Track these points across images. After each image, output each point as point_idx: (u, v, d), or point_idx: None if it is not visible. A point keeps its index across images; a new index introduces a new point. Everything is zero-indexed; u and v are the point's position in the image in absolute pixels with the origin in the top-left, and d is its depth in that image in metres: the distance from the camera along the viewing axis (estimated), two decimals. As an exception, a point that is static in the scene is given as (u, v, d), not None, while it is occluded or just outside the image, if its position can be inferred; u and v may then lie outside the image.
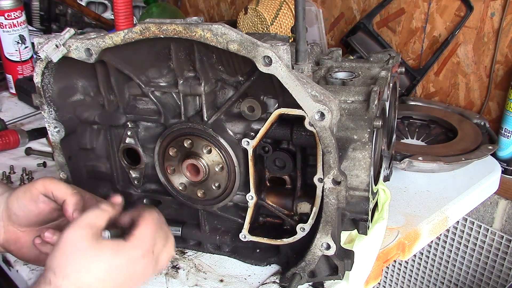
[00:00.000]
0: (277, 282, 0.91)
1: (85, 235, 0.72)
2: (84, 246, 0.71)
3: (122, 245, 0.74)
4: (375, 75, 0.96)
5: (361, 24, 1.65)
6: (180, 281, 0.93)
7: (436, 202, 1.17)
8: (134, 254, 0.74)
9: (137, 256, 0.75)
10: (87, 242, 0.71)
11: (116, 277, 0.73)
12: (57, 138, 0.93)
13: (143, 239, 0.76)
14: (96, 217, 0.74)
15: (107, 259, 0.72)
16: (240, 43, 0.73)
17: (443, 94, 1.57)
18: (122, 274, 0.74)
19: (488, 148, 1.27)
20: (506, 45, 1.38)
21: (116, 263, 0.73)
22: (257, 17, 1.64)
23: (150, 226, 0.77)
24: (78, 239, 0.71)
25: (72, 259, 0.71)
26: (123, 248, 0.74)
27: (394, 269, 1.86)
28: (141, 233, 0.76)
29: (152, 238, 0.77)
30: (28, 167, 1.33)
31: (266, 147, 0.88)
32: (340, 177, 0.77)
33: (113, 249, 0.73)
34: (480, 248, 1.54)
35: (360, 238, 0.95)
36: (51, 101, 0.90)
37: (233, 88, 0.87)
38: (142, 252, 0.75)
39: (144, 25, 0.78)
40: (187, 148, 0.88)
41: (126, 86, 0.93)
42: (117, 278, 0.74)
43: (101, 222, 0.75)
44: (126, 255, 0.74)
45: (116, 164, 0.99)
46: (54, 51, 0.83)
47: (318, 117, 0.74)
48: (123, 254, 0.74)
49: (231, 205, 0.94)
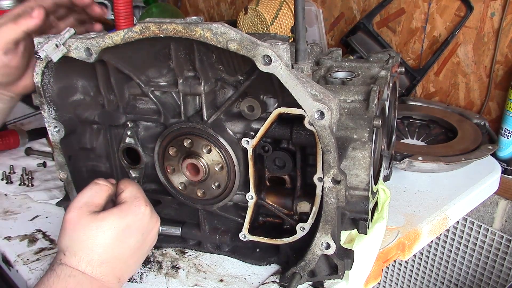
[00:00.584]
0: (277, 281, 0.91)
1: (82, 213, 0.74)
2: (84, 223, 0.73)
3: (122, 207, 0.77)
4: (375, 75, 0.96)
5: (361, 24, 1.65)
6: (180, 281, 0.93)
7: (436, 202, 1.17)
8: (137, 209, 0.78)
9: (141, 209, 0.78)
10: (86, 219, 0.73)
11: (127, 237, 0.76)
12: (57, 138, 0.93)
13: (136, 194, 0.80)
14: (93, 194, 0.77)
15: (111, 225, 0.74)
16: (239, 42, 0.73)
17: (443, 94, 1.57)
18: (131, 233, 0.76)
19: (488, 148, 1.27)
20: (506, 45, 1.38)
21: (122, 224, 0.75)
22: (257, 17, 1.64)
23: (132, 183, 0.82)
24: (77, 219, 0.73)
25: (76, 238, 0.72)
26: (124, 209, 0.77)
27: (394, 269, 1.86)
28: (130, 192, 0.80)
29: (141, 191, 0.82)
30: (28, 167, 1.33)
31: (266, 147, 0.88)
32: (340, 176, 0.77)
33: (115, 213, 0.75)
34: (480, 248, 1.54)
35: (360, 238, 0.95)
36: (51, 101, 0.90)
37: (233, 87, 0.87)
38: (143, 203, 0.79)
39: (144, 24, 0.78)
40: (187, 147, 0.88)
41: (126, 85, 0.93)
42: (129, 238, 0.76)
43: (98, 199, 0.77)
44: (130, 213, 0.77)
45: (116, 164, 0.99)
46: (54, 50, 0.83)
47: (317, 116, 0.74)
48: (126, 213, 0.76)
49: (231, 204, 0.94)
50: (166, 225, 0.99)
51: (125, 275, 0.77)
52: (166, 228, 0.98)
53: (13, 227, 1.09)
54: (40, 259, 0.98)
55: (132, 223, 0.76)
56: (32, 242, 1.03)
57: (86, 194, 0.77)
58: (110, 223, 0.74)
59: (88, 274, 0.71)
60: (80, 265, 0.71)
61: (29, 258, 0.98)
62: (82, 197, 0.77)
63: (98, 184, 0.79)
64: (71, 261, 0.71)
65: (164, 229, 0.98)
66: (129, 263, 0.77)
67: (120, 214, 0.76)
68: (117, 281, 0.76)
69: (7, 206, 1.17)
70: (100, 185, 0.79)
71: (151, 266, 0.96)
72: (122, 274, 0.76)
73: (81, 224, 0.73)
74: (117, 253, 0.74)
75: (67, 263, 0.71)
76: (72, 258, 0.71)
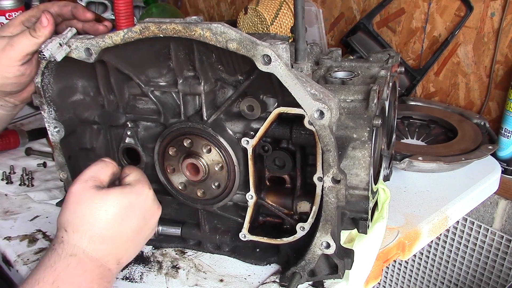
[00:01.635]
0: (277, 281, 0.91)
1: (88, 186, 0.74)
2: (88, 196, 0.73)
3: (126, 187, 0.78)
4: (375, 75, 0.96)
5: (361, 24, 1.65)
6: (180, 281, 0.93)
7: (436, 202, 1.17)
8: (140, 189, 0.78)
9: (145, 190, 0.79)
10: (90, 192, 0.73)
11: (129, 217, 0.76)
12: (57, 138, 0.93)
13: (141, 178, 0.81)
14: (98, 169, 0.78)
15: (115, 202, 0.74)
16: (239, 42, 0.73)
17: (443, 94, 1.57)
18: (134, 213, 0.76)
19: (488, 148, 1.27)
20: (506, 45, 1.38)
21: (125, 202, 0.75)
22: (257, 17, 1.64)
23: (137, 170, 0.83)
24: (81, 191, 0.74)
25: (79, 212, 0.72)
26: (127, 187, 0.77)
27: (394, 269, 1.86)
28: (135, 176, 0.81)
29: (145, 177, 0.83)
30: (28, 167, 1.33)
31: (265, 146, 0.88)
32: (340, 175, 0.77)
33: (118, 190, 0.76)
34: (480, 248, 1.54)
35: (360, 238, 0.95)
36: (51, 101, 0.90)
37: (232, 87, 0.87)
38: (147, 186, 0.80)
39: (143, 24, 0.78)
40: (187, 147, 0.88)
41: (126, 86, 0.93)
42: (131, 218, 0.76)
43: (103, 174, 0.78)
44: (134, 192, 0.77)
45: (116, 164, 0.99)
46: (58, 50, 0.83)
47: (317, 115, 0.74)
48: (130, 191, 0.77)
49: (231, 204, 0.94)
50: (166, 225, 0.99)
51: (124, 258, 0.77)
52: (166, 228, 0.99)
53: (13, 227, 1.09)
54: (40, 259, 0.98)
55: (135, 202, 0.77)
56: (32, 242, 1.03)
57: (92, 169, 0.78)
58: (113, 199, 0.74)
59: (89, 253, 0.71)
60: (82, 242, 0.71)
61: (29, 258, 0.98)
62: (88, 171, 0.77)
63: (104, 161, 0.80)
64: (73, 238, 0.71)
65: (164, 229, 0.98)
66: (129, 246, 0.77)
67: (124, 191, 0.76)
68: (117, 263, 0.76)
69: (7, 206, 1.17)
70: (106, 162, 0.80)
71: (151, 266, 0.96)
72: (122, 257, 0.76)
73: (84, 197, 0.73)
74: (118, 231, 0.74)
75: (69, 240, 0.71)
76: (74, 234, 0.71)
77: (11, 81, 0.93)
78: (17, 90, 0.97)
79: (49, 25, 0.89)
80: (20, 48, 0.90)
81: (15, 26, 0.95)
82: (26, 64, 0.93)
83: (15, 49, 0.90)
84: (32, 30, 0.89)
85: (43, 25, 0.88)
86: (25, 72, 0.93)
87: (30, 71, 0.94)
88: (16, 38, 0.90)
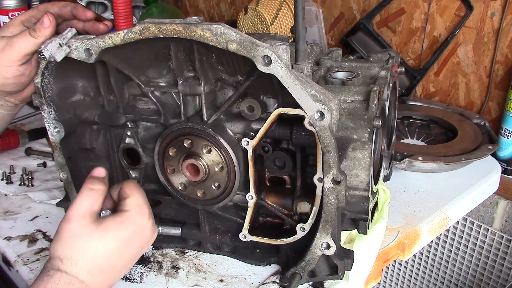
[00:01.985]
0: (277, 282, 0.91)
1: (86, 224, 0.72)
2: (86, 232, 0.72)
3: (125, 216, 0.75)
4: (375, 75, 0.96)
5: (361, 24, 1.65)
6: (180, 281, 0.93)
7: (436, 202, 1.17)
8: (140, 221, 0.76)
9: (144, 221, 0.77)
10: (88, 229, 0.72)
11: (127, 249, 0.75)
12: (57, 138, 0.93)
13: (141, 204, 0.78)
14: (92, 203, 0.75)
15: (114, 236, 0.73)
16: (239, 43, 0.73)
17: (443, 94, 1.57)
18: (133, 244, 0.76)
19: (488, 148, 1.27)
20: (506, 45, 1.38)
21: (125, 235, 0.74)
22: (257, 17, 1.64)
23: (138, 189, 0.80)
24: (79, 228, 0.72)
25: (77, 247, 0.71)
26: (127, 218, 0.75)
27: (394, 269, 1.86)
28: (137, 200, 0.78)
29: (146, 200, 0.80)
30: (28, 167, 1.33)
31: (266, 147, 0.88)
32: (340, 176, 0.77)
33: (118, 223, 0.74)
34: (480, 248, 1.54)
35: (360, 238, 0.95)
36: (51, 101, 0.90)
37: (232, 88, 0.87)
38: (147, 215, 0.78)
39: (143, 25, 0.78)
40: (187, 148, 0.88)
41: (126, 86, 0.93)
42: (129, 249, 0.75)
43: (97, 206, 0.75)
44: (133, 224, 0.75)
45: (116, 164, 0.99)
46: (58, 50, 0.83)
47: (317, 116, 0.74)
48: (129, 224, 0.75)
49: (231, 205, 0.94)
50: (166, 225, 0.99)
51: (116, 281, 0.77)
52: (166, 229, 0.98)
53: (13, 227, 1.09)
54: (40, 259, 0.98)
55: (134, 235, 0.75)
56: (32, 242, 1.03)
57: (84, 203, 0.74)
58: (113, 234, 0.73)
59: (86, 283, 0.71)
60: (81, 273, 0.70)
61: (29, 258, 0.98)
62: (80, 206, 0.73)
63: (94, 190, 0.75)
64: (70, 269, 0.70)
65: (164, 230, 0.98)
66: (121, 273, 0.77)
67: (123, 225, 0.74)
68: None
69: (7, 206, 1.17)
70: (96, 190, 0.76)
71: (151, 266, 0.96)
72: (114, 282, 0.76)
73: (83, 234, 0.71)
74: (115, 263, 0.74)
75: (66, 270, 0.70)
76: (73, 267, 0.70)
77: (11, 81, 0.93)
78: (17, 90, 0.97)
79: (50, 26, 0.88)
80: (19, 48, 0.89)
81: (14, 26, 0.95)
82: (26, 64, 0.92)
83: (14, 49, 0.89)
84: (32, 30, 0.89)
85: (45, 25, 0.88)
86: (24, 72, 0.93)
87: (30, 71, 0.93)
88: (16, 38, 0.90)
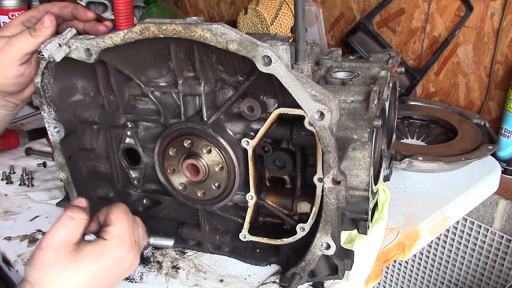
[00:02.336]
0: (277, 282, 0.91)
1: (60, 255, 0.69)
2: (60, 264, 0.68)
3: (104, 247, 0.71)
4: (375, 75, 0.96)
5: (361, 24, 1.65)
6: (180, 281, 0.93)
7: (436, 202, 1.17)
8: (119, 253, 0.72)
9: (123, 254, 0.72)
10: (63, 260, 0.68)
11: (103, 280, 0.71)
12: (57, 138, 0.93)
13: (123, 235, 0.73)
14: (69, 233, 0.70)
15: (89, 268, 0.69)
16: (239, 43, 0.73)
17: (443, 94, 1.57)
18: (109, 276, 0.72)
19: (488, 148, 1.27)
20: (506, 45, 1.38)
21: (100, 268, 0.70)
22: (257, 17, 1.64)
23: (124, 218, 0.75)
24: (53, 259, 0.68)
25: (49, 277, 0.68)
26: (105, 250, 0.71)
27: (394, 269, 1.86)
28: (119, 230, 0.73)
29: (131, 230, 0.75)
30: (28, 167, 1.33)
31: (266, 147, 0.88)
32: (340, 176, 0.77)
33: (95, 256, 0.70)
34: (480, 248, 1.54)
35: (360, 238, 0.95)
36: (51, 101, 0.90)
37: (232, 88, 0.87)
38: (127, 248, 0.73)
39: (143, 25, 0.78)
40: (187, 148, 0.88)
41: (126, 86, 0.93)
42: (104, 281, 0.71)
43: (75, 236, 0.71)
44: (110, 257, 0.71)
45: (116, 164, 0.99)
46: (57, 50, 0.83)
47: (317, 116, 0.74)
48: (107, 256, 0.71)
49: (231, 205, 0.94)
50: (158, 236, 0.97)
51: None
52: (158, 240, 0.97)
53: (13, 227, 1.09)
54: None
55: (110, 267, 0.71)
56: (32, 242, 1.03)
57: (61, 232, 0.70)
58: (88, 266, 0.69)
59: None
60: None
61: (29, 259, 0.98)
62: (57, 235, 0.69)
63: (74, 218, 0.71)
64: None
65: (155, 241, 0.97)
66: None
67: (101, 257, 0.70)
68: None
69: (7, 206, 1.17)
70: (76, 219, 0.71)
71: (151, 266, 0.96)
72: None
73: (56, 265, 0.68)
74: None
75: None
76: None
77: (11, 81, 0.93)
78: (17, 90, 0.97)
79: (51, 26, 0.88)
80: (19, 48, 0.89)
81: (14, 26, 0.95)
82: (25, 64, 0.92)
83: (14, 48, 0.89)
84: (32, 30, 0.89)
85: (45, 25, 0.88)
86: (24, 72, 0.93)
87: (30, 71, 0.93)
88: (15, 38, 0.90)
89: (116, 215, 0.75)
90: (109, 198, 1.02)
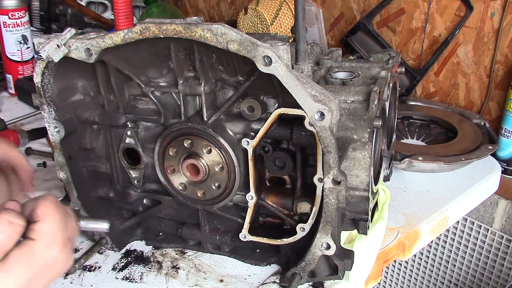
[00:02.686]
0: (277, 282, 0.91)
1: None
2: None
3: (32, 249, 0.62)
4: (375, 75, 0.96)
5: (361, 24, 1.65)
6: (180, 281, 0.93)
7: (436, 202, 1.17)
8: (50, 255, 0.63)
9: (55, 255, 0.63)
10: None
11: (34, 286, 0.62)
12: (57, 138, 0.93)
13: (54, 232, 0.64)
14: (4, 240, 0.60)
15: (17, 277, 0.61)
16: (240, 43, 0.73)
17: (443, 94, 1.57)
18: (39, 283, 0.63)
19: (488, 148, 1.27)
20: (506, 45, 1.38)
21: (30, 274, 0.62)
22: (257, 17, 1.64)
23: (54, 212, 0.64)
24: None
25: None
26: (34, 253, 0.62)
27: (394, 269, 1.86)
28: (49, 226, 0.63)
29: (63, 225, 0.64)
30: (28, 167, 1.33)
31: (266, 147, 0.88)
32: (340, 177, 0.77)
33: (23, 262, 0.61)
34: (480, 248, 1.54)
35: (360, 238, 0.95)
36: (51, 101, 0.90)
37: (233, 88, 0.87)
38: (60, 248, 0.64)
39: (144, 25, 0.78)
40: (187, 148, 0.88)
41: (126, 86, 0.93)
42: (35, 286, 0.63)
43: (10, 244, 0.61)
44: (41, 260, 0.62)
45: (116, 164, 0.99)
46: (56, 51, 0.83)
47: (318, 117, 0.74)
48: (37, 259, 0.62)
49: (231, 205, 0.94)
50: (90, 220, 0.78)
51: None
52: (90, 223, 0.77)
53: (13, 227, 1.08)
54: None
55: (41, 271, 0.62)
56: (32, 242, 1.03)
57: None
58: (15, 275, 0.60)
59: None
60: None
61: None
62: None
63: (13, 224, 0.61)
64: None
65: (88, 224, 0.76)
66: None
67: (30, 262, 0.61)
68: None
69: (7, 206, 1.17)
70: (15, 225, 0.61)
71: (151, 266, 0.96)
72: None
73: None
74: None
75: None
76: None
77: None
78: None
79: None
80: None
81: None
82: None
83: None
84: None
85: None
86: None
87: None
88: None
89: (45, 209, 0.64)
90: (109, 198, 1.02)
